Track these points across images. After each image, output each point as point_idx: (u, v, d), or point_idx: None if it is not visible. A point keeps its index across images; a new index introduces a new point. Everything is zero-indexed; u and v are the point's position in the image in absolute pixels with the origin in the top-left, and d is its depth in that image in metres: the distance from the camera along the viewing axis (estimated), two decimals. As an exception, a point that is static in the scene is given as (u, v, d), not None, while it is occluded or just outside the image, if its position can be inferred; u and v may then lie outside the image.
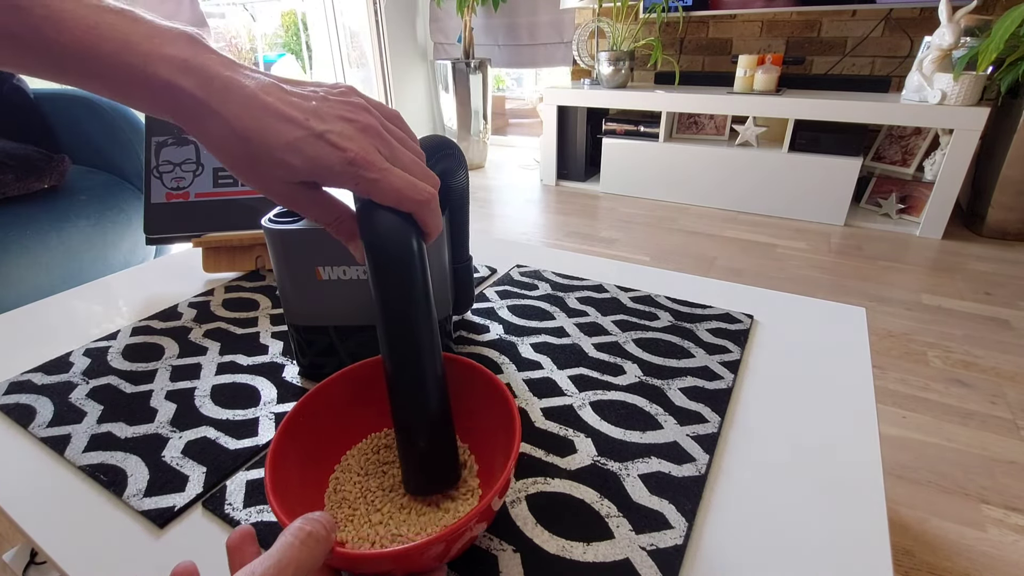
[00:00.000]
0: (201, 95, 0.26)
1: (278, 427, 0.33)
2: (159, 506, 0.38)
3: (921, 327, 1.45)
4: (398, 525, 0.32)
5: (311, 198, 0.31)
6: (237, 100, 0.27)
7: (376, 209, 0.30)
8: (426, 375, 0.32)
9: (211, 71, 0.27)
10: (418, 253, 0.30)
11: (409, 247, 0.30)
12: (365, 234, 0.30)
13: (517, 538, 0.34)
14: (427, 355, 0.31)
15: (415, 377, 0.32)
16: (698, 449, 0.42)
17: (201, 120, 0.27)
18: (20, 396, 0.50)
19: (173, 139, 0.72)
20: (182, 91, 0.26)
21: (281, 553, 0.22)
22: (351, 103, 0.30)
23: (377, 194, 0.29)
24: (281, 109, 0.28)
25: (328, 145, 0.28)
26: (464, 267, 0.54)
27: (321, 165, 0.28)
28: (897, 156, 2.19)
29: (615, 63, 2.44)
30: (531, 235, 2.17)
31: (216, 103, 0.27)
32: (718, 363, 0.52)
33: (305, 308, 0.47)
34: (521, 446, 0.42)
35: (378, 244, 0.30)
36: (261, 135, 0.27)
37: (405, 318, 0.31)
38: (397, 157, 0.30)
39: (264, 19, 3.18)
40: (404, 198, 0.30)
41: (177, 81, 0.26)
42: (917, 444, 1.04)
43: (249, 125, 0.27)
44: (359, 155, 0.28)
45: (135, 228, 1.26)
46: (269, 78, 0.29)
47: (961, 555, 0.82)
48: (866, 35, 2.28)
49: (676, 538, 0.34)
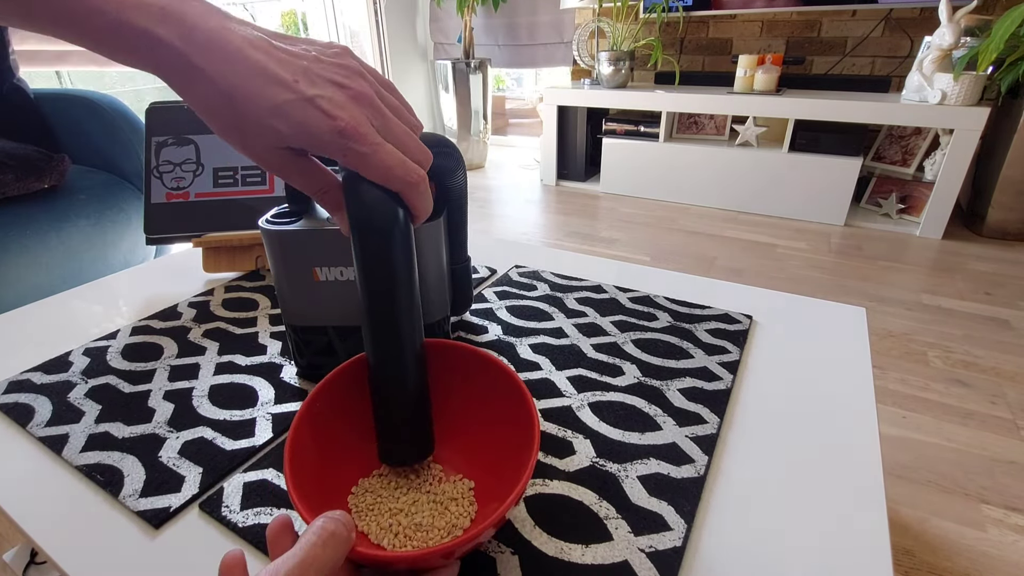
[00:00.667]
0: (181, 46, 0.24)
1: (293, 419, 0.33)
2: (155, 507, 0.38)
3: (921, 327, 1.45)
4: (422, 515, 0.33)
5: (297, 164, 0.30)
6: (221, 55, 0.25)
7: (363, 181, 0.29)
8: (405, 355, 0.32)
9: (192, 20, 0.25)
10: (403, 229, 0.30)
11: (396, 219, 0.29)
12: (351, 206, 0.29)
13: (515, 540, 0.34)
14: (407, 334, 0.31)
15: (394, 356, 0.32)
16: (697, 450, 0.42)
17: (183, 74, 0.25)
18: (19, 395, 0.50)
19: (173, 139, 0.72)
20: (159, 41, 0.24)
21: (305, 553, 0.23)
22: (345, 66, 0.28)
23: (366, 169, 0.28)
24: (270, 68, 0.26)
25: (318, 111, 0.26)
26: (462, 268, 0.54)
27: (309, 132, 0.26)
28: (897, 156, 2.19)
29: (615, 63, 2.44)
30: (531, 235, 2.17)
31: (198, 57, 0.25)
32: (717, 364, 0.52)
33: (302, 308, 0.47)
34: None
35: (363, 217, 0.29)
36: (247, 96, 0.26)
37: (387, 290, 0.30)
38: (390, 129, 0.29)
39: (264, 19, 3.18)
40: (393, 177, 0.29)
41: (153, 30, 0.24)
42: (917, 444, 1.04)
43: (235, 83, 0.25)
44: (350, 125, 0.27)
45: (135, 228, 1.26)
46: (258, 32, 0.27)
47: (961, 555, 0.82)
48: (866, 35, 2.28)
49: (675, 540, 0.34)
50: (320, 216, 0.45)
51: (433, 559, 0.27)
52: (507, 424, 0.35)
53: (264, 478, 0.40)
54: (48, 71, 2.12)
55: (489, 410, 0.37)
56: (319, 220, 0.44)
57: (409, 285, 0.31)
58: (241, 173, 0.72)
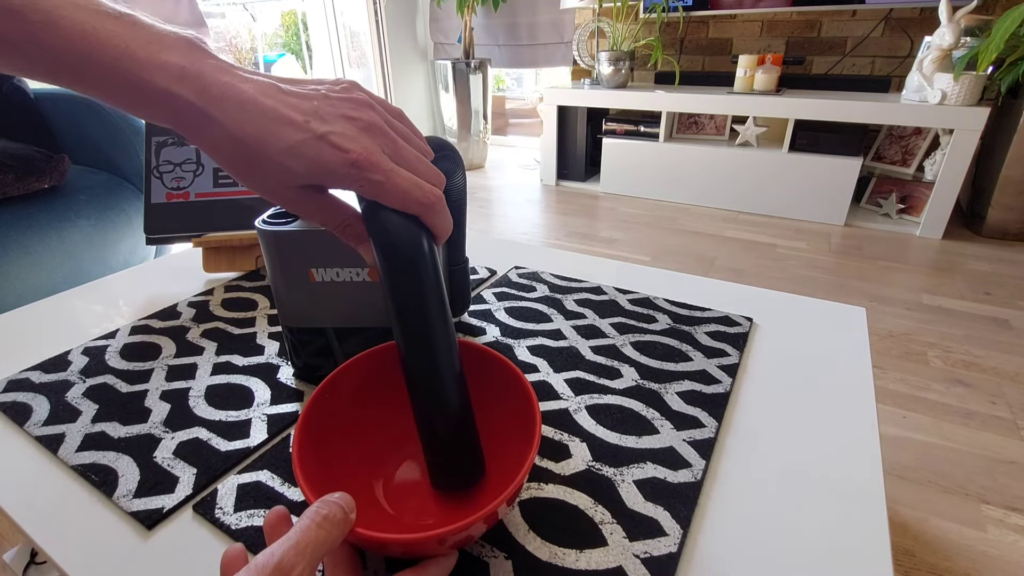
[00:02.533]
0: (199, 103, 0.26)
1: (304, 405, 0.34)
2: (148, 507, 0.38)
3: (921, 327, 1.44)
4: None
5: (316, 202, 0.30)
6: (235, 105, 0.26)
7: (383, 209, 0.29)
8: (444, 376, 0.31)
9: (208, 78, 0.26)
10: (429, 253, 0.30)
11: (420, 247, 0.30)
12: (375, 236, 0.30)
13: (509, 545, 0.34)
14: (444, 355, 0.31)
15: (434, 378, 0.31)
16: (694, 454, 0.41)
17: (200, 128, 0.27)
18: (17, 394, 0.50)
19: (173, 139, 0.72)
20: (179, 99, 0.26)
21: (299, 535, 0.24)
22: (353, 99, 0.29)
23: (382, 196, 0.29)
24: (280, 111, 0.27)
25: (330, 147, 0.27)
26: (460, 269, 0.54)
27: (323, 168, 0.27)
28: (897, 156, 2.19)
29: (615, 63, 2.44)
30: (531, 235, 2.17)
31: (214, 110, 0.26)
32: (716, 367, 0.52)
33: (299, 309, 0.47)
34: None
35: (390, 244, 0.29)
36: (261, 140, 0.27)
37: (421, 319, 0.30)
38: (402, 156, 0.30)
39: (264, 19, 3.18)
40: (411, 200, 0.29)
41: (174, 89, 0.26)
42: (917, 444, 1.03)
43: (248, 131, 0.27)
44: (362, 156, 0.27)
45: (135, 228, 1.26)
46: (267, 79, 0.28)
47: (961, 555, 0.82)
48: (866, 35, 2.28)
49: (671, 545, 0.34)
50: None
51: (427, 544, 0.28)
52: (510, 424, 0.35)
53: (258, 480, 0.40)
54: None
55: (495, 408, 0.37)
56: (316, 221, 0.44)
57: (442, 306, 0.31)
58: (240, 173, 0.72)
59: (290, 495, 0.38)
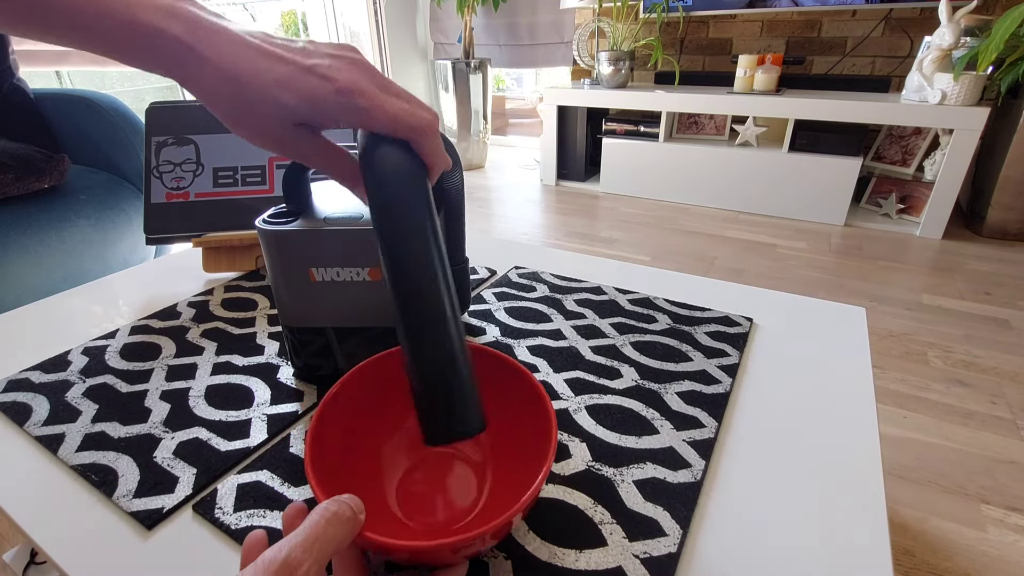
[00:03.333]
0: (188, 39, 0.27)
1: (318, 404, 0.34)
2: (148, 507, 0.38)
3: (921, 327, 1.44)
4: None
5: (311, 142, 0.31)
6: (223, 42, 0.27)
7: (377, 147, 0.29)
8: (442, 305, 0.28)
9: (196, 16, 0.27)
10: (418, 172, 0.29)
11: (409, 175, 0.29)
12: (365, 171, 0.29)
13: (508, 545, 0.34)
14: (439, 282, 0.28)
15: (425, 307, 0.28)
16: (694, 455, 0.41)
17: (189, 66, 0.27)
18: (17, 394, 0.50)
19: (173, 139, 0.71)
20: (168, 36, 0.26)
21: (308, 531, 0.24)
22: (341, 45, 0.30)
23: (372, 122, 0.29)
24: (268, 48, 0.28)
25: (317, 77, 0.28)
26: (459, 269, 0.54)
27: (312, 98, 0.28)
28: (897, 156, 2.19)
29: (615, 63, 2.44)
30: (531, 235, 2.17)
31: (203, 47, 0.27)
32: (716, 367, 0.52)
33: (299, 309, 0.47)
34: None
35: (376, 177, 0.29)
36: (250, 74, 0.27)
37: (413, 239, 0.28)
38: (389, 88, 0.30)
39: (264, 19, 3.18)
40: (400, 123, 0.29)
41: (162, 25, 0.26)
42: (917, 444, 1.03)
43: (238, 65, 0.27)
44: (348, 82, 0.28)
45: (135, 228, 1.26)
46: (256, 29, 0.29)
47: (961, 555, 0.82)
48: (866, 35, 2.28)
49: (670, 546, 0.34)
50: (317, 216, 0.45)
51: (432, 553, 0.28)
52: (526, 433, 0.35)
53: (258, 480, 0.40)
54: (48, 71, 2.12)
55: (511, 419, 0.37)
56: (316, 220, 0.44)
57: (434, 236, 0.29)
58: (241, 173, 0.72)
59: (290, 495, 0.38)
